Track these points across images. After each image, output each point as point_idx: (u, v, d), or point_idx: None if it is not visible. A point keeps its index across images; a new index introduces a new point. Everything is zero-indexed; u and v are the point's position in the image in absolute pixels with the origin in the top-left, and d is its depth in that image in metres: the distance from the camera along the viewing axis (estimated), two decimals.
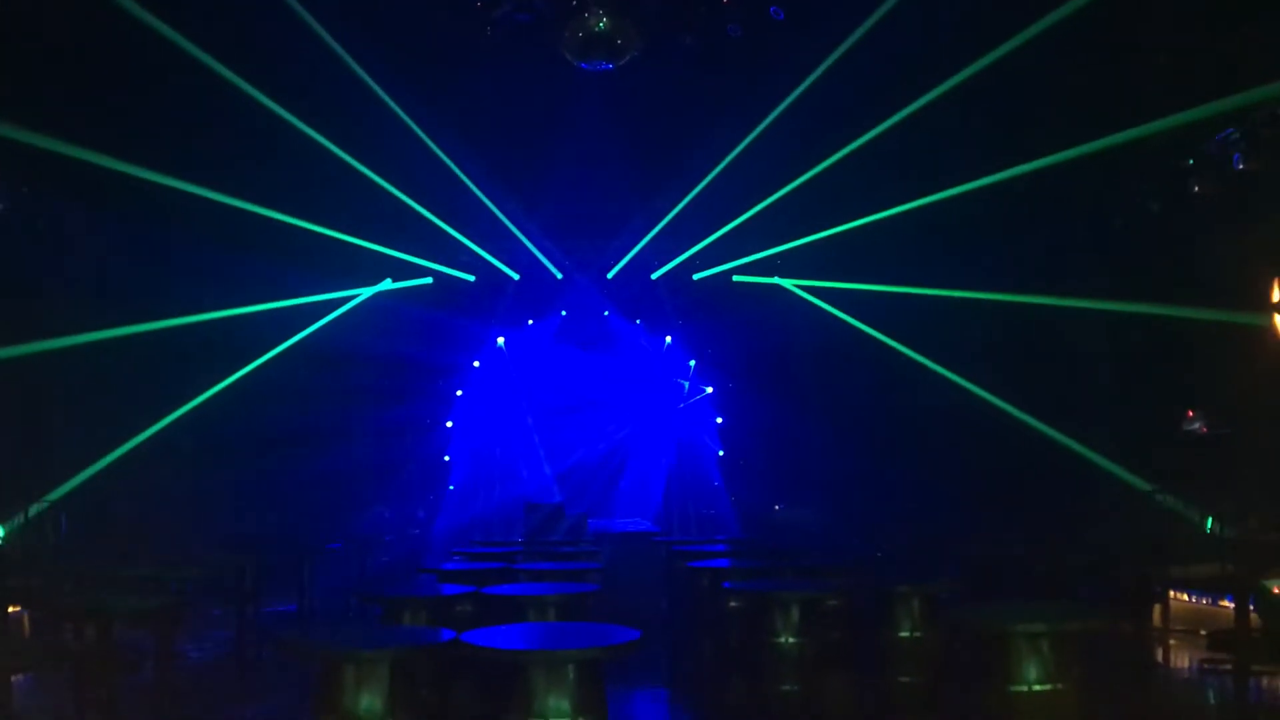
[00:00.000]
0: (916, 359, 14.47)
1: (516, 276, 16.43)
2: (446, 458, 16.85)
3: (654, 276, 16.53)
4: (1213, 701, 8.21)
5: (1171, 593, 10.74)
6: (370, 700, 5.22)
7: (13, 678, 6.39)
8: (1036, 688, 5.80)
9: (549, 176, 14.21)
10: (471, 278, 16.19)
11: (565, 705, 5.20)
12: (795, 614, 7.47)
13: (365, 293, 15.71)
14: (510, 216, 15.45)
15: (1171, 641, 10.02)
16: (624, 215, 15.59)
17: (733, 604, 8.38)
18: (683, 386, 17.41)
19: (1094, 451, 12.41)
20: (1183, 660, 9.46)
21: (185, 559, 9.60)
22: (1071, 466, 12.53)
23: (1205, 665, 8.84)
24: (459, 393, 16.90)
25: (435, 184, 14.24)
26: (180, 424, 13.36)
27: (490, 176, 14.47)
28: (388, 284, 15.84)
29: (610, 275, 16.62)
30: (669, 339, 17.24)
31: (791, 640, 7.46)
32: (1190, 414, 12.13)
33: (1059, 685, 5.81)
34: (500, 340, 17.04)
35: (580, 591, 7.42)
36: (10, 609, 9.09)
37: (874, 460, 14.56)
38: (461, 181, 14.46)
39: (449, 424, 16.86)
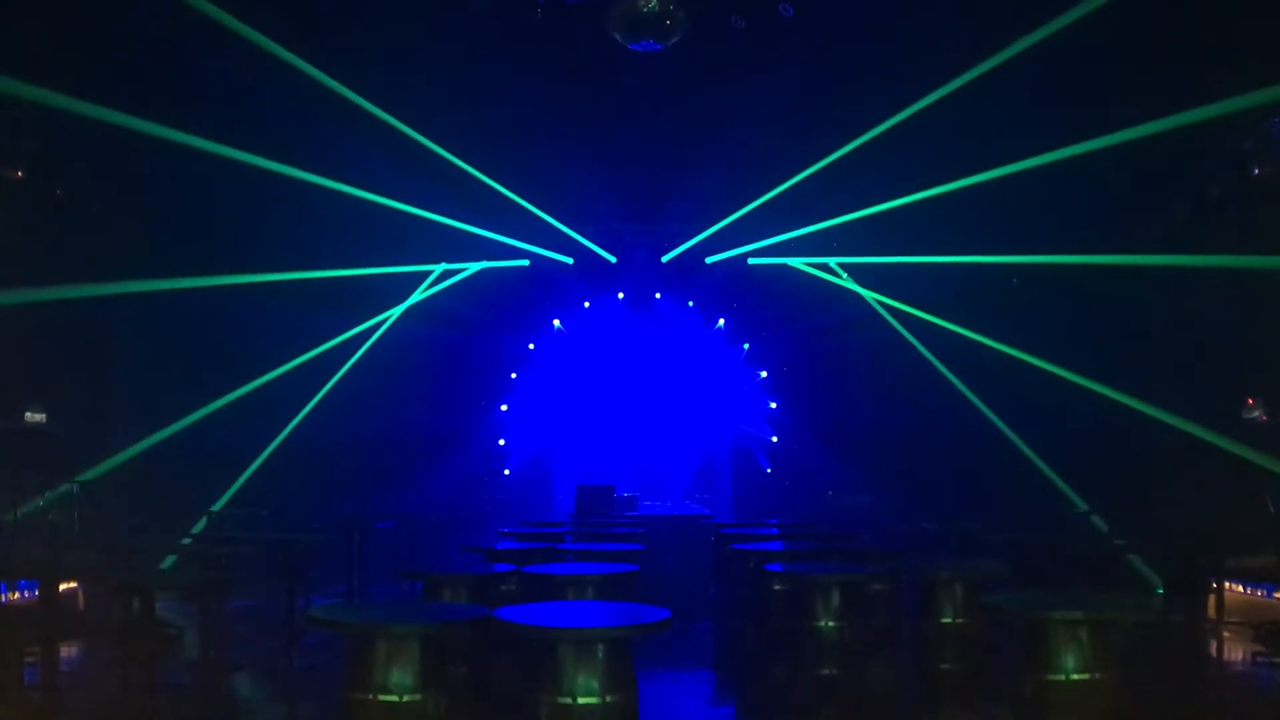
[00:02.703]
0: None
1: (570, 261, 16.46)
2: (501, 441, 16.89)
3: (709, 261, 16.47)
4: (1255, 697, 8.00)
5: (1227, 584, 10.50)
6: (401, 676, 5.28)
7: (62, 650, 6.54)
8: (1074, 677, 5.69)
9: (605, 160, 14.23)
10: (525, 262, 16.25)
11: (594, 684, 5.22)
12: (835, 597, 7.44)
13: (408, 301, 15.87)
14: (564, 201, 15.51)
15: (1225, 634, 9.82)
16: (681, 201, 15.53)
17: (775, 587, 8.35)
18: (733, 369, 17.31)
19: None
20: (1235, 653, 9.26)
21: (232, 536, 9.72)
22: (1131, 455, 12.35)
23: (1258, 659, 8.65)
24: (513, 375, 16.93)
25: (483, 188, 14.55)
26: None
27: (540, 161, 14.49)
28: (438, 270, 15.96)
29: (665, 259, 16.59)
30: (721, 322, 17.15)
31: (831, 624, 7.43)
32: (1250, 401, 11.84)
33: (1097, 675, 5.69)
34: (556, 322, 17.05)
35: (619, 572, 7.41)
36: (63, 584, 9.26)
37: (922, 446, 14.42)
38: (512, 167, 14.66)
39: (504, 407, 16.90)
